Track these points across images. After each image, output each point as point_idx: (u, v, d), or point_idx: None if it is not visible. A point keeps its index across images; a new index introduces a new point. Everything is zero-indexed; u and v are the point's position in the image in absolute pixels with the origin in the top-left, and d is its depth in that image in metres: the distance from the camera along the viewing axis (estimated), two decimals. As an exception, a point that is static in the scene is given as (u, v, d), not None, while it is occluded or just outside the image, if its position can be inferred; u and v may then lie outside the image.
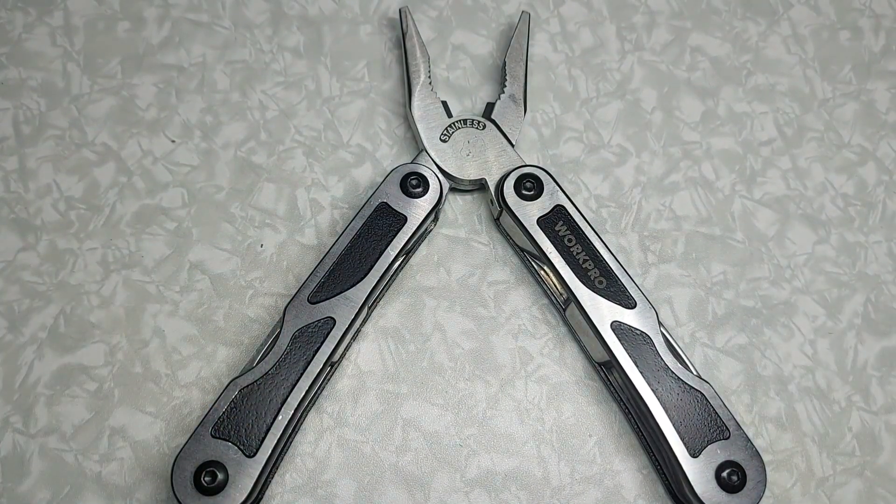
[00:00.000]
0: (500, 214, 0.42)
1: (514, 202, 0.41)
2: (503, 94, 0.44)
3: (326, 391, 0.40)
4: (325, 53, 0.47)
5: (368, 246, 0.40)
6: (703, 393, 0.38)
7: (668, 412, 0.37)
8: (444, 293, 0.42)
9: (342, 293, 0.39)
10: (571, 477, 0.39)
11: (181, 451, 0.36)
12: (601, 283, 0.39)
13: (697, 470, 0.37)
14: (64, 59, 0.46)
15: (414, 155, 0.44)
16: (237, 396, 0.37)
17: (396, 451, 0.40)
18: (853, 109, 0.47)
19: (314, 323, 0.38)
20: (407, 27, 0.45)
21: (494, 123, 0.43)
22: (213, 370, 0.40)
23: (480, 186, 0.43)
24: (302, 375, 0.37)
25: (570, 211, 0.41)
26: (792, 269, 0.44)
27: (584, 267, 0.40)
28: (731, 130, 0.46)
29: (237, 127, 0.45)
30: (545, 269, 0.41)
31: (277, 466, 0.39)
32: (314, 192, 0.44)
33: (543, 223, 0.41)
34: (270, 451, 0.36)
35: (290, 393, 0.37)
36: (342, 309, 0.38)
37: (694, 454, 0.37)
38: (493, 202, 0.42)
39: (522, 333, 0.42)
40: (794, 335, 0.42)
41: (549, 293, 0.42)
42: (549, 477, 0.39)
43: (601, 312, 0.39)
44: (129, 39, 0.47)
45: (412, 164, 0.42)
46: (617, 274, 0.39)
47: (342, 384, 0.41)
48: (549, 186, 0.41)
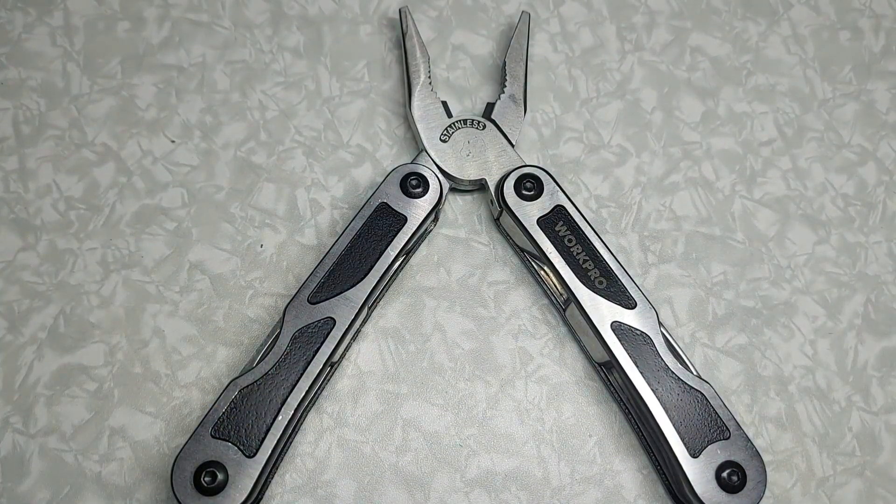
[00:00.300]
0: (500, 214, 0.42)
1: (514, 202, 0.41)
2: (503, 94, 0.44)
3: (326, 391, 0.40)
4: (325, 53, 0.47)
5: (368, 246, 0.40)
6: (703, 393, 0.38)
7: (668, 412, 0.37)
8: (444, 293, 0.42)
9: (342, 293, 0.39)
10: (571, 477, 0.39)
11: (181, 451, 0.36)
12: (601, 283, 0.39)
13: (697, 470, 0.37)
14: (64, 59, 0.46)
15: (414, 155, 0.44)
16: (237, 397, 0.37)
17: (396, 451, 0.40)
18: (853, 109, 0.47)
19: (314, 323, 0.38)
20: (407, 27, 0.45)
21: (494, 123, 0.43)
22: (213, 370, 0.40)
23: (480, 186, 0.43)
24: (302, 376, 0.37)
25: (570, 211, 0.41)
26: (792, 269, 0.44)
27: (584, 267, 0.40)
28: (731, 130, 0.46)
29: (237, 127, 0.45)
30: (545, 269, 0.41)
31: (277, 466, 0.39)
32: (314, 192, 0.44)
33: (543, 223, 0.41)
34: (270, 451, 0.36)
35: (290, 393, 0.37)
36: (342, 309, 0.38)
37: (694, 454, 0.37)
38: (493, 202, 0.42)
39: (522, 333, 0.42)
40: (794, 335, 0.42)
41: (549, 293, 0.42)
42: (549, 477, 0.39)
43: (601, 312, 0.39)
44: (129, 39, 0.47)
45: (412, 164, 0.42)
46: (617, 274, 0.39)
47: (342, 384, 0.41)
48: (549, 186, 0.41)
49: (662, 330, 0.39)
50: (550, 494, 0.39)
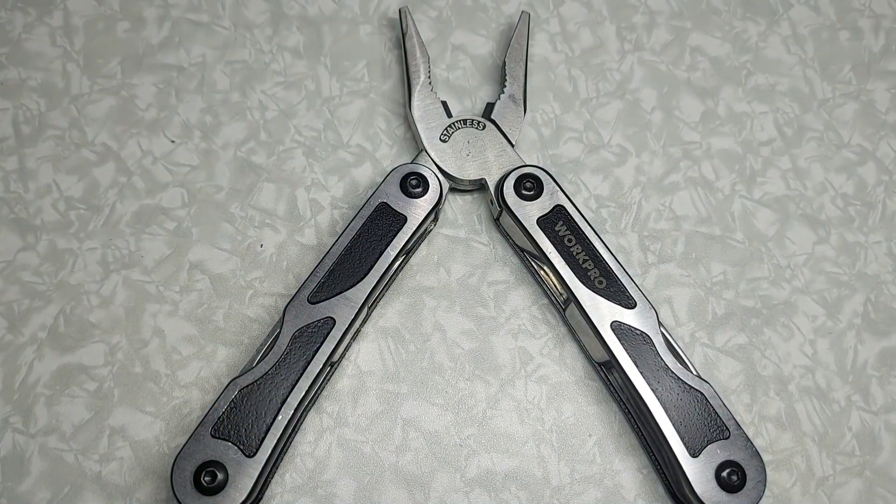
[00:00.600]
0: (499, 214, 0.42)
1: (513, 202, 0.41)
2: (503, 94, 0.44)
3: (326, 391, 0.40)
4: (324, 53, 0.47)
5: (368, 246, 0.40)
6: (702, 393, 0.38)
7: (667, 412, 0.37)
8: (444, 293, 0.42)
9: (342, 293, 0.39)
10: (571, 477, 0.39)
11: (181, 451, 0.36)
12: (601, 283, 0.39)
13: (697, 470, 0.37)
14: (64, 59, 0.46)
15: (414, 155, 0.44)
16: (237, 396, 0.37)
17: (396, 450, 0.40)
18: (853, 109, 0.47)
19: (314, 323, 0.38)
20: (407, 27, 0.45)
21: (494, 123, 0.43)
22: (212, 370, 0.40)
23: (480, 186, 0.43)
24: (302, 375, 0.37)
25: (569, 211, 0.41)
26: (792, 269, 0.44)
27: (583, 267, 0.40)
28: (730, 130, 0.46)
29: (237, 127, 0.45)
30: (545, 269, 0.41)
31: (277, 466, 0.39)
32: (314, 192, 0.44)
33: (543, 223, 0.41)
34: (270, 451, 0.36)
35: (289, 393, 0.37)
36: (342, 309, 0.38)
37: (694, 454, 0.37)
38: (492, 202, 0.42)
39: (522, 333, 0.42)
40: (793, 335, 0.42)
41: (548, 293, 0.42)
42: (548, 477, 0.39)
43: (601, 312, 0.39)
44: (128, 39, 0.47)
45: (412, 164, 0.42)
46: (617, 274, 0.39)
47: (342, 384, 0.41)
48: (548, 186, 0.41)
49: (662, 330, 0.39)
50: (550, 494, 0.39)
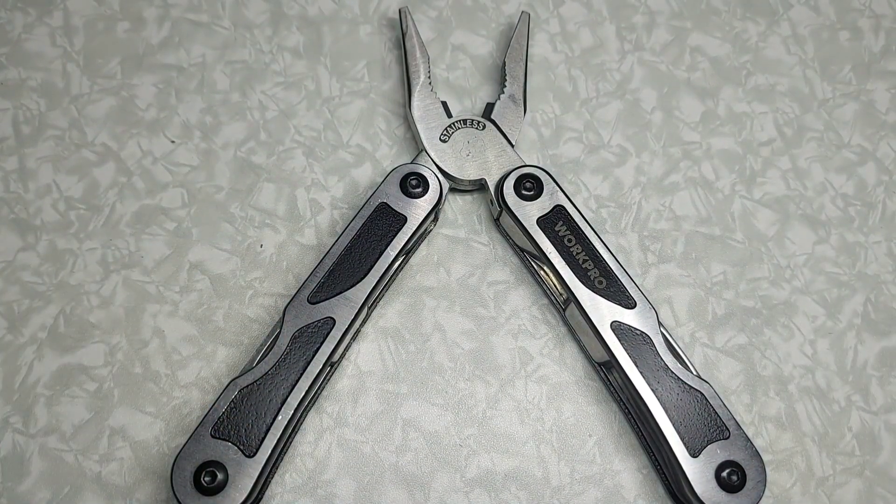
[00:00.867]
0: (499, 214, 0.42)
1: (513, 202, 0.41)
2: (503, 94, 0.44)
3: (326, 391, 0.40)
4: (324, 53, 0.47)
5: (368, 246, 0.40)
6: (702, 393, 0.38)
7: (667, 412, 0.37)
8: (443, 293, 0.42)
9: (342, 293, 0.39)
10: (571, 477, 0.39)
11: (181, 451, 0.36)
12: (601, 283, 0.39)
13: (697, 470, 0.37)
14: (64, 59, 0.46)
15: (414, 155, 0.44)
16: (237, 396, 0.37)
17: (396, 451, 0.40)
18: (853, 109, 0.47)
19: (314, 323, 0.38)
20: (407, 27, 0.45)
21: (494, 123, 0.43)
22: (212, 370, 0.40)
23: (480, 186, 0.43)
24: (302, 375, 0.37)
25: (569, 211, 0.41)
26: (792, 269, 0.44)
27: (583, 267, 0.40)
28: (730, 130, 0.46)
29: (237, 127, 0.45)
30: (545, 269, 0.41)
31: (277, 466, 0.39)
32: (314, 192, 0.44)
33: (543, 223, 0.41)
34: (270, 451, 0.36)
35: (289, 393, 0.37)
36: (342, 309, 0.38)
37: (694, 454, 0.37)
38: (492, 202, 0.42)
39: (522, 333, 0.42)
40: (793, 335, 0.42)
41: (548, 293, 0.42)
42: (548, 477, 0.39)
43: (601, 312, 0.39)
44: (128, 39, 0.47)
45: (412, 164, 0.42)
46: (617, 274, 0.40)
47: (342, 384, 0.41)
48: (548, 186, 0.41)
49: (662, 330, 0.39)
50: (550, 494, 0.39)
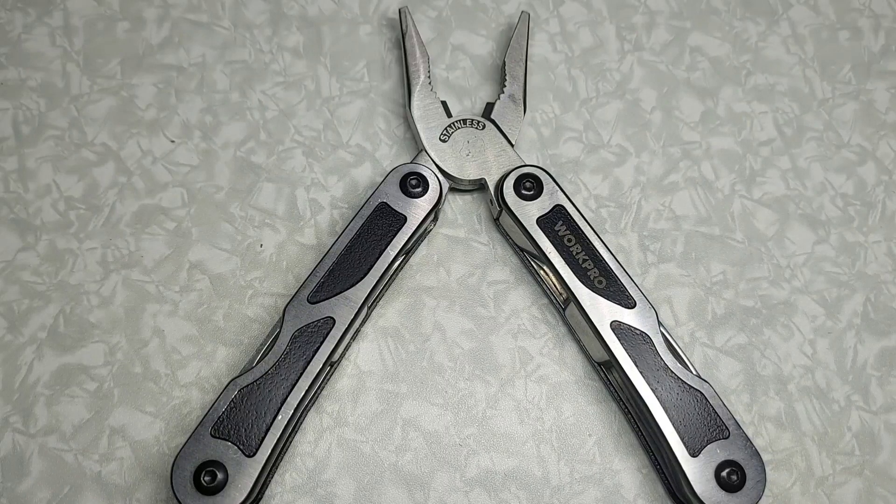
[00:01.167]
0: (499, 214, 0.42)
1: (513, 202, 0.41)
2: (503, 94, 0.44)
3: (326, 391, 0.40)
4: (324, 53, 0.47)
5: (368, 246, 0.40)
6: (702, 392, 0.38)
7: (667, 412, 0.37)
8: (443, 293, 0.42)
9: (342, 293, 0.39)
10: (571, 476, 0.39)
11: (181, 450, 0.36)
12: (601, 282, 0.39)
13: (697, 469, 0.37)
14: (63, 59, 0.46)
15: (413, 155, 0.44)
16: (237, 396, 0.37)
17: (396, 450, 0.40)
18: (853, 109, 0.47)
19: (314, 323, 0.38)
20: (406, 27, 0.45)
21: (494, 123, 0.43)
22: (212, 370, 0.40)
23: (480, 186, 0.43)
24: (301, 375, 0.37)
25: (569, 211, 0.41)
26: (791, 268, 0.44)
27: (583, 267, 0.40)
28: (730, 130, 0.46)
29: (237, 127, 0.45)
30: (545, 268, 0.41)
31: (277, 466, 0.39)
32: (314, 191, 0.44)
33: (543, 223, 0.41)
34: (270, 450, 0.36)
35: (289, 393, 0.37)
36: (342, 309, 0.38)
37: (693, 454, 0.37)
38: (492, 202, 0.42)
39: (522, 333, 0.42)
40: (793, 335, 0.42)
41: (548, 293, 0.42)
42: (548, 476, 0.39)
43: (601, 312, 0.39)
44: (128, 39, 0.47)
45: (412, 163, 0.42)
46: (616, 274, 0.40)
47: (342, 384, 0.41)
48: (548, 186, 0.41)
49: (662, 329, 0.39)
50: (550, 494, 0.39)
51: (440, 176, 0.42)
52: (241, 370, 0.38)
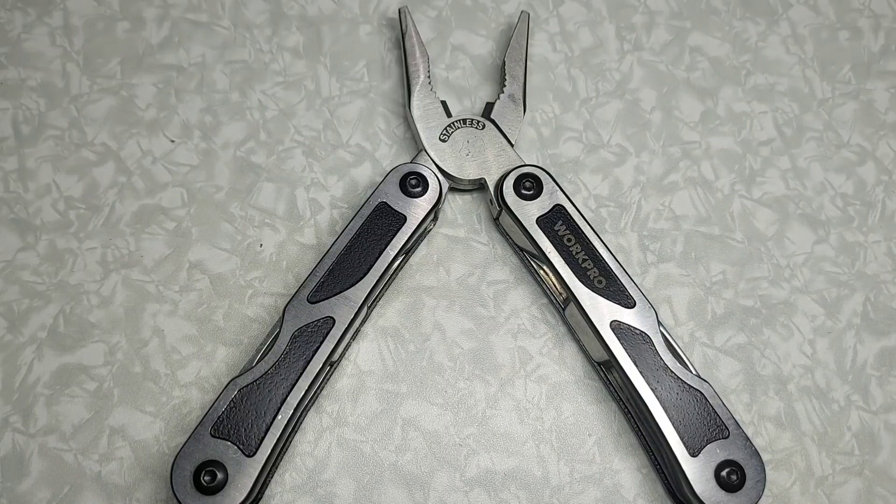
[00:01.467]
0: (499, 214, 0.42)
1: (513, 202, 0.41)
2: (502, 93, 0.44)
3: (326, 391, 0.40)
4: (324, 53, 0.47)
5: (368, 245, 0.40)
6: (702, 392, 0.38)
7: (667, 411, 0.37)
8: (443, 293, 0.42)
9: (342, 293, 0.39)
10: (571, 476, 0.39)
11: (181, 450, 0.36)
12: (600, 282, 0.39)
13: (697, 469, 0.37)
14: (63, 59, 0.46)
15: (413, 155, 0.44)
16: (237, 396, 0.37)
17: (396, 450, 0.40)
18: (852, 109, 0.47)
19: (314, 322, 0.38)
20: (406, 27, 0.45)
21: (494, 123, 0.43)
22: (212, 370, 0.41)
23: (480, 186, 0.43)
24: (301, 375, 0.37)
25: (569, 210, 0.41)
26: (791, 268, 0.44)
27: (583, 266, 0.40)
28: (730, 130, 0.46)
29: (237, 127, 0.45)
30: (544, 268, 0.41)
31: (277, 466, 0.39)
32: (313, 191, 0.44)
33: (543, 223, 0.41)
34: (270, 450, 0.36)
35: (289, 392, 0.37)
36: (342, 308, 0.38)
37: (693, 453, 0.37)
38: (492, 202, 0.42)
39: (522, 333, 0.42)
40: (793, 335, 0.42)
41: (548, 293, 0.42)
42: (548, 476, 0.39)
43: (600, 312, 0.39)
44: (128, 39, 0.47)
45: (411, 163, 0.42)
46: (616, 273, 0.40)
47: (342, 384, 0.41)
48: (548, 186, 0.41)
49: (661, 329, 0.39)
50: (550, 493, 0.39)
51: (440, 176, 0.42)
52: (240, 370, 0.38)
